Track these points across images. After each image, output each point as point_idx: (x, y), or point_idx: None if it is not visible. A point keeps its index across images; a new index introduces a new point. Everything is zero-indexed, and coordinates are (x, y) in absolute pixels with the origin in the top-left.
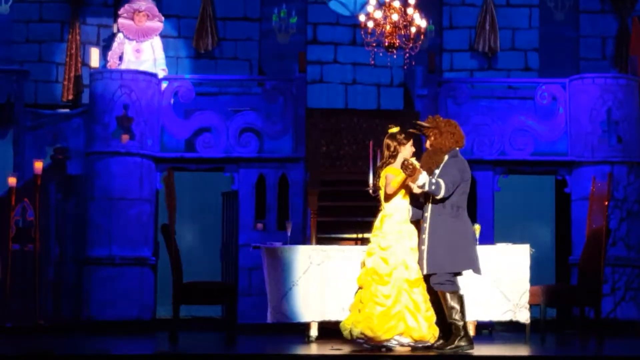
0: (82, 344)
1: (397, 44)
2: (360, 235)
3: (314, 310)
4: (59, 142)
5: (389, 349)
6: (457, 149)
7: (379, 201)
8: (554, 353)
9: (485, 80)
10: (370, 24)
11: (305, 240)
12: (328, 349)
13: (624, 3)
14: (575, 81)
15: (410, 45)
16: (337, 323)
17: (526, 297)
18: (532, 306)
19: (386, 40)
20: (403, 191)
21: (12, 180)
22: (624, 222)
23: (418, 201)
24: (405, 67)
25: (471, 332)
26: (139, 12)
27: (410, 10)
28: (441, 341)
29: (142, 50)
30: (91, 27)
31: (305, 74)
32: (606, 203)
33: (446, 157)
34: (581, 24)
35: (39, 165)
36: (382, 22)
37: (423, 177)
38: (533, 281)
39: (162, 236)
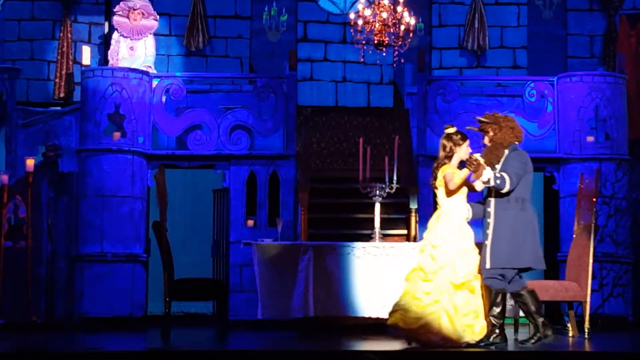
0: (74, 340)
1: (387, 42)
2: (350, 232)
3: (304, 306)
4: (51, 139)
5: (421, 344)
6: (517, 143)
7: (369, 197)
8: (543, 348)
9: (474, 78)
10: (360, 22)
11: (296, 237)
12: (318, 345)
13: (612, 1)
14: (564, 79)
15: (400, 43)
16: (327, 319)
17: None
18: None
19: (375, 38)
20: (462, 189)
21: (4, 178)
22: (611, 219)
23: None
24: (395, 64)
25: None
26: (134, 10)
27: (399, 9)
28: (537, 335)
29: (136, 48)
30: (82, 25)
31: (295, 71)
32: (594, 200)
33: (506, 151)
34: (569, 22)
35: (30, 162)
36: (371, 20)
37: (487, 173)
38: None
39: (153, 233)
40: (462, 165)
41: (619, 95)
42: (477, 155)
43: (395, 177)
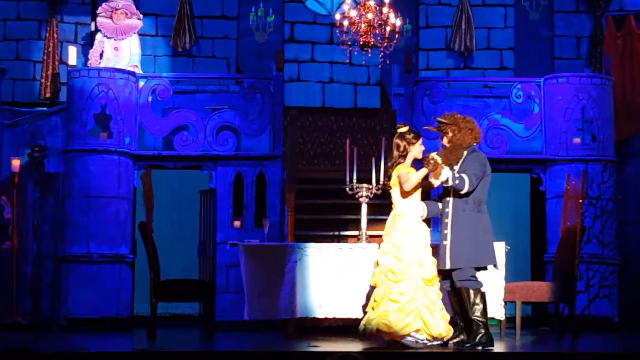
0: (60, 341)
1: (372, 43)
2: (337, 233)
3: (291, 307)
4: (37, 140)
5: (405, 345)
6: (475, 144)
7: (356, 199)
8: (529, 350)
9: (461, 79)
10: (346, 23)
11: (283, 238)
12: (305, 346)
13: (598, 3)
14: (550, 80)
15: (385, 44)
16: (313, 320)
17: (501, 294)
18: (507, 303)
19: (361, 39)
20: (416, 189)
21: None
22: (597, 220)
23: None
24: (381, 66)
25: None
26: (117, 10)
27: (385, 10)
28: (460, 337)
29: (120, 48)
30: (69, 25)
31: (282, 72)
32: (580, 201)
33: (465, 152)
34: (556, 24)
35: (16, 163)
36: (357, 21)
37: (446, 172)
38: (508, 278)
39: (139, 234)
40: (416, 164)
41: (606, 96)
42: (435, 154)
43: (382, 178)
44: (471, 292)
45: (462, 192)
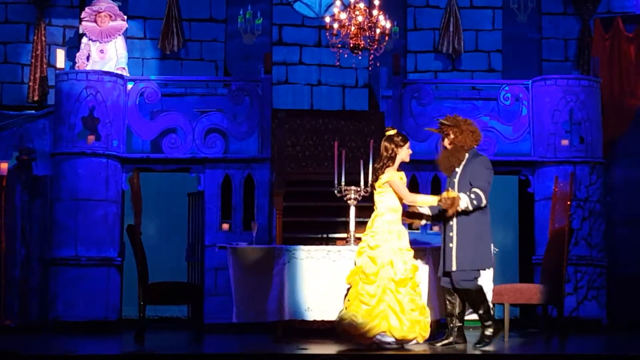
0: (48, 344)
1: (362, 45)
2: (325, 236)
3: (279, 309)
4: (25, 143)
5: (380, 346)
6: (475, 147)
7: (344, 201)
8: (518, 352)
9: (449, 82)
10: (336, 26)
11: (271, 241)
12: (294, 349)
13: (586, 5)
14: (538, 82)
15: (375, 46)
16: (302, 322)
17: (490, 296)
18: (496, 305)
19: (351, 41)
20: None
21: None
22: (586, 222)
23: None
24: (370, 68)
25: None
26: (100, 13)
27: (374, 12)
28: (449, 339)
29: (106, 50)
30: (57, 28)
31: (270, 75)
32: (569, 203)
33: (467, 155)
34: (543, 26)
35: (4, 166)
36: (347, 24)
37: (464, 201)
38: (497, 280)
39: (128, 237)
40: (403, 166)
41: (594, 98)
42: (449, 192)
43: (370, 181)
44: (473, 292)
45: (482, 207)
